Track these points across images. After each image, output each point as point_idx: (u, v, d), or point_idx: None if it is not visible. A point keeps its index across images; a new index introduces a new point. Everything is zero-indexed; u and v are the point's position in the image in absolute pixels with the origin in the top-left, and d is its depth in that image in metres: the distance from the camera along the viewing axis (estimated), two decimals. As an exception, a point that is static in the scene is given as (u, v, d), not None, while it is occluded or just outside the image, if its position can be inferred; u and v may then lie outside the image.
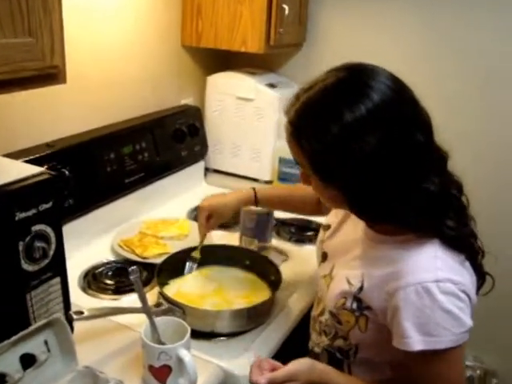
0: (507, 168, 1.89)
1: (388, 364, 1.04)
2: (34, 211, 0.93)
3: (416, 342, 0.90)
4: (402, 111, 0.89)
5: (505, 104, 1.84)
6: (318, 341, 1.16)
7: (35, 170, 0.97)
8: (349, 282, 1.03)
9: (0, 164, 1.05)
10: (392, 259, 0.96)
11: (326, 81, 0.91)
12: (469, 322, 0.91)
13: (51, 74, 1.02)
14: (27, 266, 0.94)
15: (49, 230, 0.97)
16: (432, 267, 0.91)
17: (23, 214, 0.91)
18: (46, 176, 0.96)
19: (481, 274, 0.99)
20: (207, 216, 1.37)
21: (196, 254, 1.39)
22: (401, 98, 0.90)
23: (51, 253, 0.99)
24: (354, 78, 0.91)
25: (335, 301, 1.05)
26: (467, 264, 0.95)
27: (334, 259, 1.13)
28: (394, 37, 1.93)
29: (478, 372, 2.10)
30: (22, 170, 0.97)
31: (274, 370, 1.00)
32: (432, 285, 0.89)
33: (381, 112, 0.87)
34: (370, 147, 0.87)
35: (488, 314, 0.95)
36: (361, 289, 1.00)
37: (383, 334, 0.98)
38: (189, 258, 1.39)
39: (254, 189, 1.40)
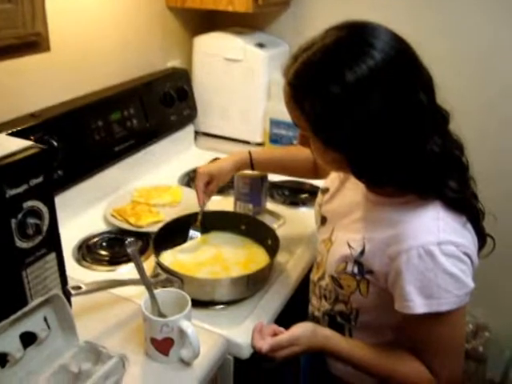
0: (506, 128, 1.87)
1: (389, 327, 1.04)
2: (24, 187, 0.90)
3: (418, 306, 0.90)
4: (404, 71, 0.86)
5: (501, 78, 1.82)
6: (318, 305, 1.16)
7: (23, 143, 0.93)
8: (349, 246, 1.02)
9: (-15, 138, 1.01)
10: (393, 221, 0.95)
11: (325, 40, 0.87)
12: (471, 283, 0.91)
13: (34, 42, 0.98)
14: (21, 244, 0.92)
15: (41, 205, 0.94)
16: (434, 229, 0.90)
17: (14, 191, 0.88)
18: (35, 150, 0.92)
19: (482, 236, 0.98)
20: (206, 182, 1.34)
21: (198, 223, 1.37)
22: (403, 57, 0.87)
23: (45, 228, 0.96)
24: (356, 37, 0.87)
25: (336, 265, 1.04)
26: (469, 225, 0.94)
27: (334, 223, 1.11)
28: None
29: (471, 326, 2.13)
30: (9, 144, 0.93)
31: (275, 334, 1.00)
32: (434, 247, 0.88)
33: (383, 71, 0.84)
34: (372, 107, 0.84)
35: (480, 270, 0.95)
36: (362, 253, 0.99)
37: (384, 298, 0.98)
38: (192, 227, 1.37)
39: (249, 152, 1.37)
